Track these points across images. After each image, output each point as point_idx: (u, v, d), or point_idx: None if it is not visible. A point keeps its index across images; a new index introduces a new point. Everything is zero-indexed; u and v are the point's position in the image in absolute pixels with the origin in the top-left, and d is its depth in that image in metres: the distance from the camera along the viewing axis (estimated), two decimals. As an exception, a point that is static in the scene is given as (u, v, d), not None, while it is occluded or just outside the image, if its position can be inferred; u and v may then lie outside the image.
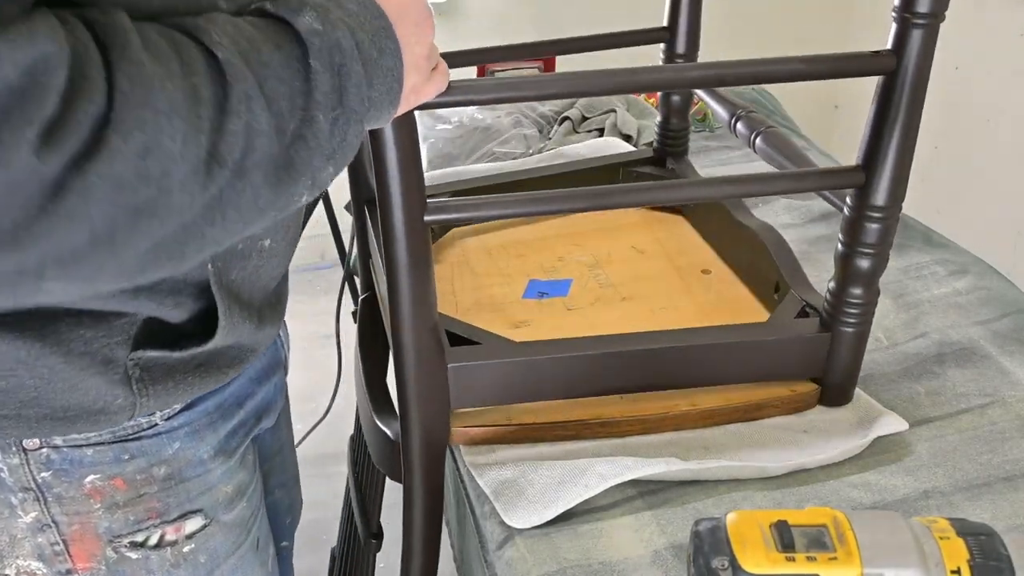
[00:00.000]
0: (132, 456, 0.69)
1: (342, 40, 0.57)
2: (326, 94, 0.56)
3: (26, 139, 0.43)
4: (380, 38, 0.59)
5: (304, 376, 2.36)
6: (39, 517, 0.68)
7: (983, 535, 0.58)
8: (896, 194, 0.79)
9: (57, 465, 0.67)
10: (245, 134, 0.52)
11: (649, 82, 0.76)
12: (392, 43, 0.60)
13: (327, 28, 0.56)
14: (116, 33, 0.48)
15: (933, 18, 0.73)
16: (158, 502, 0.71)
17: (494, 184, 1.15)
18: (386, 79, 0.60)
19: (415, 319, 0.79)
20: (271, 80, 0.53)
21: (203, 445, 0.73)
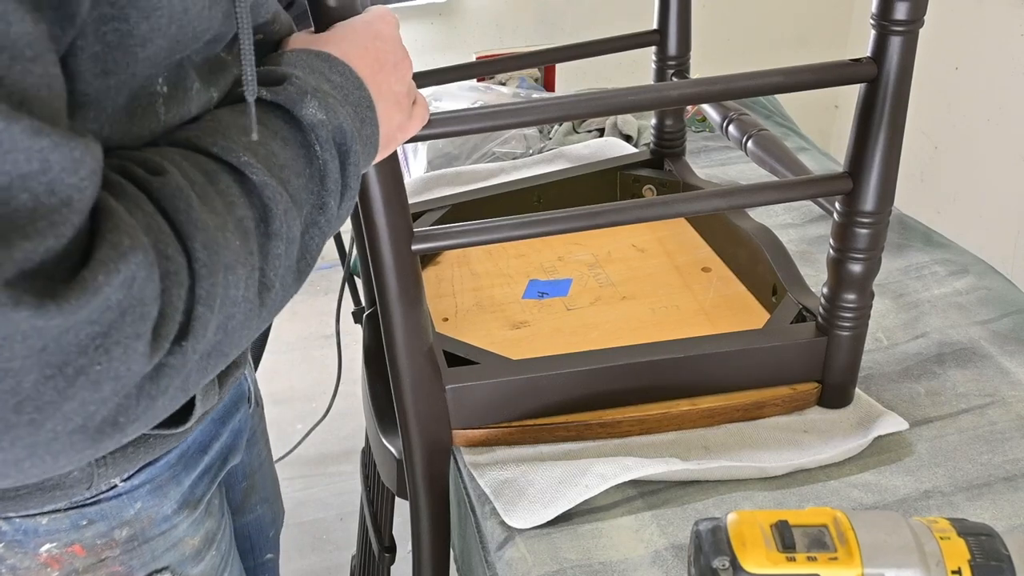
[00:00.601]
0: (91, 521, 0.65)
1: (344, 124, 0.57)
2: (335, 180, 0.57)
3: (139, 352, 0.43)
4: (363, 108, 0.60)
5: (304, 376, 2.37)
6: None
7: (984, 535, 0.58)
8: (884, 199, 0.79)
9: (9, 536, 0.64)
10: (285, 251, 0.53)
11: (631, 103, 0.76)
12: (371, 112, 0.61)
13: (330, 116, 0.56)
14: (177, 198, 0.47)
15: (912, 24, 0.73)
16: (121, 565, 0.68)
17: (489, 196, 1.15)
18: (367, 146, 0.61)
19: (409, 345, 0.79)
20: (293, 182, 0.54)
21: (167, 501, 0.70)
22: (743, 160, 1.39)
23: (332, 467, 2.09)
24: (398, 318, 0.78)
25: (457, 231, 0.79)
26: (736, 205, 0.86)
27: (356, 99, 0.60)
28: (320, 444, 2.08)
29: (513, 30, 2.74)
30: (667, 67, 1.12)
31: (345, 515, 1.96)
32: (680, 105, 1.16)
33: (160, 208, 0.46)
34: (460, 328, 0.99)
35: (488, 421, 0.85)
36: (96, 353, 0.42)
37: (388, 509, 1.19)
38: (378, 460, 1.00)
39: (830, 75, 0.77)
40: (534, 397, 0.85)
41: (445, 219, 1.11)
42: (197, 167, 0.50)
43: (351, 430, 2.08)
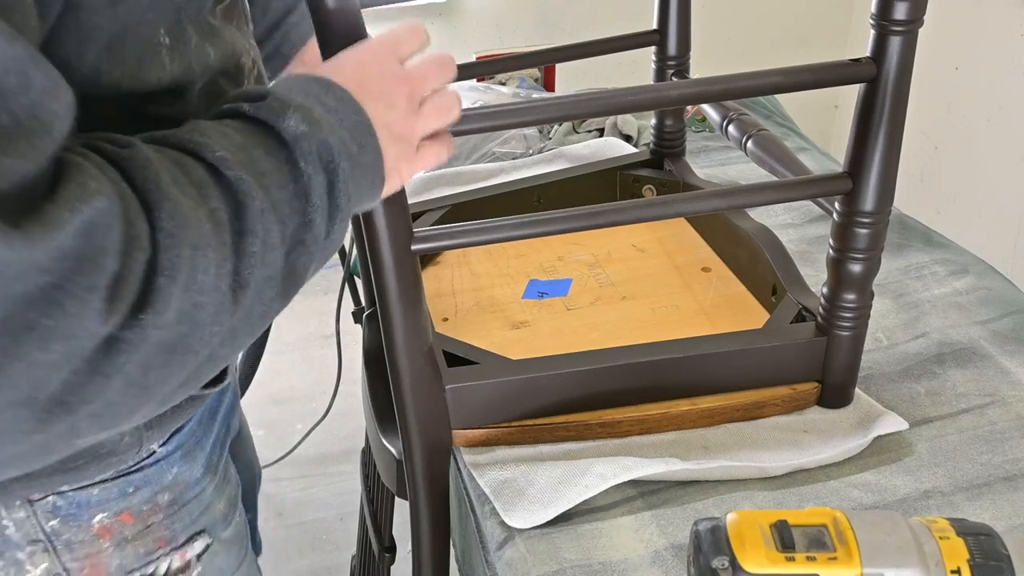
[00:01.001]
0: (137, 488, 0.69)
1: (330, 139, 0.56)
2: (321, 195, 0.55)
3: (93, 308, 0.41)
4: (360, 133, 0.59)
5: (304, 376, 2.37)
6: (50, 568, 0.67)
7: (983, 535, 0.58)
8: (884, 199, 0.79)
9: (64, 511, 0.66)
10: (261, 252, 0.51)
11: (631, 103, 0.76)
12: (371, 138, 0.60)
13: (313, 129, 0.55)
14: (144, 168, 0.47)
15: (911, 24, 0.72)
16: (165, 530, 0.71)
17: (489, 196, 1.15)
18: (367, 173, 0.59)
19: (408, 345, 0.79)
20: (273, 189, 0.53)
21: (195, 465, 0.73)
22: (743, 160, 1.39)
23: (332, 467, 2.09)
24: (398, 318, 0.78)
25: (457, 231, 0.79)
26: (736, 205, 0.86)
27: (353, 123, 0.58)
28: (320, 444, 2.08)
29: (513, 30, 2.74)
30: (667, 67, 1.12)
31: (345, 515, 1.96)
32: (680, 105, 1.16)
33: (127, 177, 0.45)
34: (460, 328, 0.99)
35: (488, 421, 0.85)
36: (48, 306, 0.40)
37: (388, 509, 1.19)
38: (378, 460, 1.00)
39: (830, 75, 0.77)
40: (534, 397, 0.85)
41: (445, 219, 1.11)
42: (170, 158, 0.50)
43: (351, 430, 2.08)
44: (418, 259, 0.78)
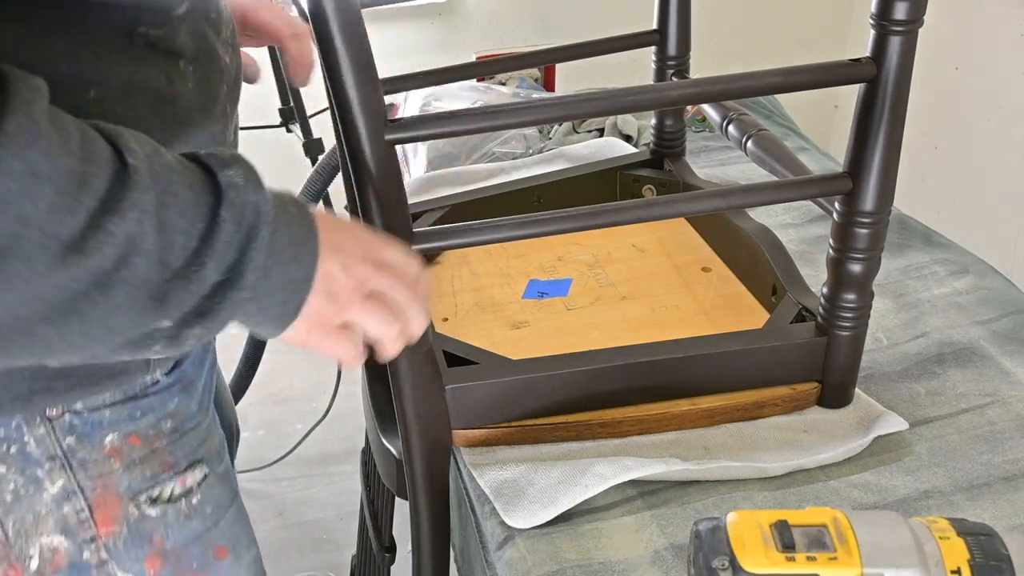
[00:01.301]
0: (143, 412, 0.74)
1: (261, 205, 0.56)
2: (226, 244, 0.54)
3: None
4: (301, 248, 0.59)
5: (304, 376, 2.37)
6: (66, 485, 0.71)
7: (983, 535, 0.58)
8: (884, 199, 0.79)
9: (79, 429, 0.71)
10: (125, 244, 0.50)
11: (631, 103, 0.76)
12: (310, 260, 0.60)
13: (249, 187, 0.56)
14: (27, 87, 0.47)
15: (911, 24, 0.72)
16: (168, 455, 0.76)
17: (489, 196, 1.15)
18: (284, 286, 0.59)
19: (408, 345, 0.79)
20: (173, 209, 0.52)
21: (192, 399, 0.78)
22: (743, 160, 1.39)
23: (332, 467, 2.10)
24: (398, 318, 0.78)
25: (457, 231, 0.79)
26: (736, 205, 0.86)
27: (300, 235, 0.59)
28: (320, 444, 2.08)
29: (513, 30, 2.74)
30: (667, 67, 1.12)
31: (345, 515, 1.96)
32: (680, 105, 1.16)
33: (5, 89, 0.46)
34: (460, 328, 0.99)
35: (488, 421, 0.85)
36: None
37: (388, 509, 1.19)
38: (378, 460, 1.00)
39: (830, 75, 0.77)
40: (534, 397, 0.85)
41: (445, 219, 1.11)
42: (78, 126, 0.50)
43: (351, 430, 2.08)
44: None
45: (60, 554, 0.73)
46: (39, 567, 0.74)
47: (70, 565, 0.74)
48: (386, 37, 2.65)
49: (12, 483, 0.70)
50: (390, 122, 0.71)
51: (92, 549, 0.74)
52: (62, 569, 0.74)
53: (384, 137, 0.71)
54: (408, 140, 0.73)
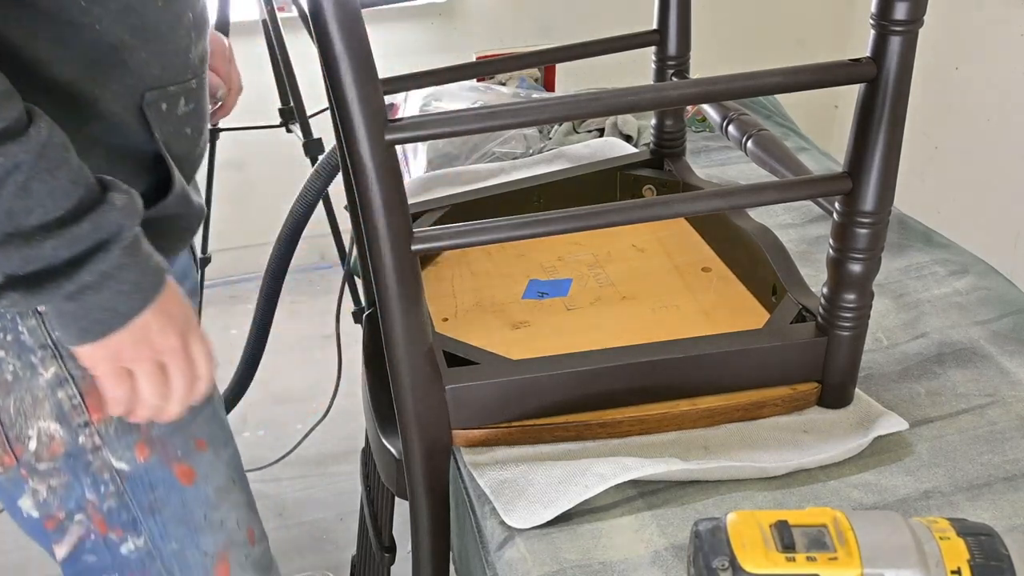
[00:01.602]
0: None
1: (125, 231, 0.68)
2: (75, 237, 0.65)
3: None
4: (140, 290, 0.70)
5: (304, 376, 2.37)
6: (58, 372, 0.79)
7: (983, 535, 0.58)
8: (884, 199, 0.79)
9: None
10: None
11: (631, 103, 0.76)
12: (140, 303, 0.70)
13: (124, 212, 0.68)
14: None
15: (911, 24, 0.72)
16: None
17: (489, 196, 1.15)
18: (106, 307, 0.69)
19: (409, 345, 0.79)
20: (46, 184, 0.63)
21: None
22: (743, 160, 1.39)
23: (332, 467, 2.10)
24: (398, 318, 0.78)
25: (457, 231, 0.79)
26: (736, 205, 0.86)
27: (146, 282, 0.70)
28: (320, 444, 2.08)
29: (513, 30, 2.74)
30: (667, 67, 1.12)
31: (345, 515, 1.96)
32: (680, 105, 1.16)
33: None
34: (460, 328, 0.99)
35: (488, 421, 0.85)
36: None
37: (388, 509, 1.19)
38: (378, 460, 1.00)
39: (830, 75, 0.77)
40: (534, 397, 0.85)
41: (445, 219, 1.11)
42: (6, 86, 0.63)
43: (351, 430, 2.08)
44: (418, 259, 0.78)
45: (56, 441, 0.81)
46: (37, 450, 0.81)
47: (66, 453, 0.81)
48: (386, 37, 2.65)
49: (11, 365, 0.78)
50: (390, 122, 0.71)
51: (87, 434, 0.81)
52: (59, 456, 0.81)
53: (384, 137, 0.71)
54: (408, 140, 0.73)
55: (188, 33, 0.82)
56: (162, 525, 0.86)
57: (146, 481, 0.85)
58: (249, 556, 0.93)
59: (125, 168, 0.80)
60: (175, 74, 0.82)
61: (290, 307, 2.67)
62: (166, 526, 0.86)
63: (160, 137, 0.81)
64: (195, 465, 0.88)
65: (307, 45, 1.52)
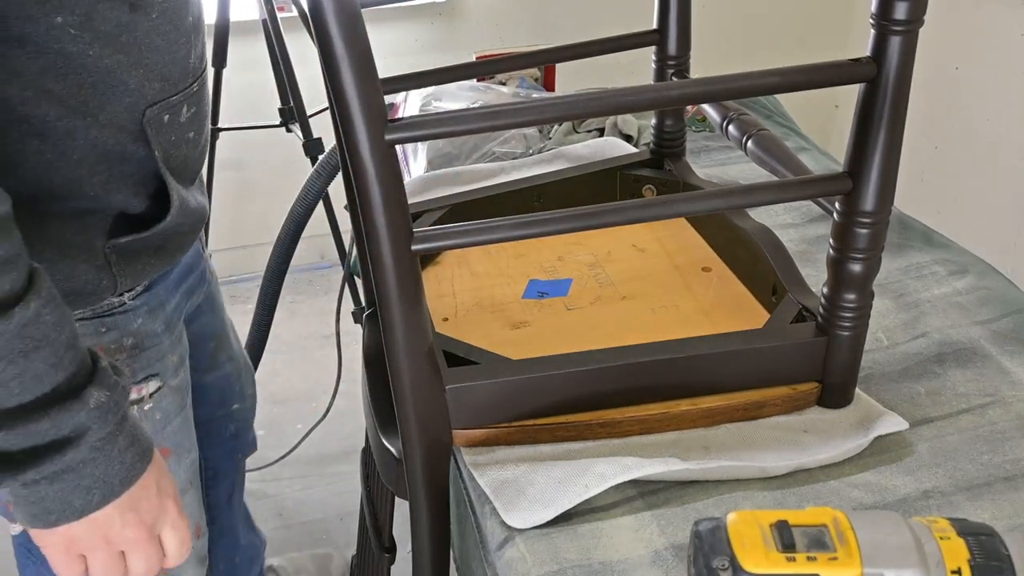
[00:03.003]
0: (108, 329, 0.84)
1: (90, 434, 0.67)
2: (33, 432, 0.64)
3: None
4: (100, 485, 0.69)
5: (304, 376, 2.37)
6: None
7: (984, 535, 0.58)
8: (884, 199, 0.79)
9: None
10: None
11: (631, 103, 0.76)
12: (99, 500, 0.69)
13: (93, 415, 0.67)
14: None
15: (911, 24, 0.72)
16: (127, 367, 0.86)
17: (489, 196, 1.15)
18: (58, 501, 0.68)
19: (409, 345, 0.79)
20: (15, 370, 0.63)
21: (157, 321, 0.89)
22: (743, 160, 1.39)
23: (332, 467, 2.10)
24: (398, 318, 0.78)
25: (457, 231, 0.79)
26: (736, 205, 0.86)
27: (107, 473, 0.69)
28: (320, 444, 2.08)
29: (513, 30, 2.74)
30: (667, 67, 1.12)
31: (345, 515, 1.96)
32: (680, 105, 1.16)
33: None
34: (460, 328, 0.99)
35: (488, 421, 0.85)
36: None
37: (388, 509, 1.19)
38: (378, 460, 1.00)
39: (830, 75, 0.77)
40: (534, 397, 0.85)
41: (445, 219, 1.11)
42: (18, 249, 0.64)
43: (351, 430, 2.08)
44: (418, 259, 0.78)
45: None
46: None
47: None
48: (386, 37, 2.65)
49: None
50: (390, 122, 0.71)
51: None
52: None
53: (384, 137, 0.71)
54: (408, 140, 0.73)
55: (188, 38, 0.81)
56: None
57: None
58: (192, 548, 0.96)
59: (124, 189, 0.79)
60: (176, 83, 0.81)
61: (290, 307, 2.67)
62: None
63: (160, 153, 0.80)
64: None
65: (307, 45, 1.52)
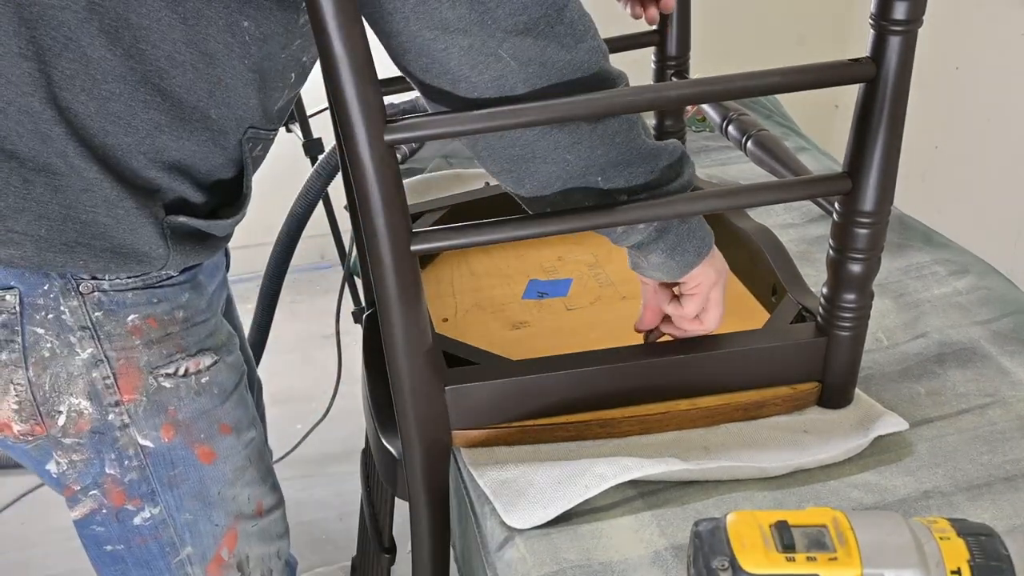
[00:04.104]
0: (159, 300, 0.87)
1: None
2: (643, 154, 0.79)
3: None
4: (709, 237, 0.85)
5: (304, 376, 2.37)
6: (94, 353, 0.84)
7: (983, 535, 0.58)
8: (884, 199, 0.79)
9: (106, 306, 0.84)
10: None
11: (631, 104, 0.76)
12: (700, 249, 0.84)
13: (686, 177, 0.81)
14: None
15: (911, 24, 0.72)
16: (182, 340, 0.89)
17: (489, 196, 1.15)
18: (690, 242, 0.84)
19: (408, 345, 0.79)
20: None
21: (201, 298, 0.92)
22: (743, 160, 1.39)
23: (332, 467, 2.09)
24: (397, 318, 0.78)
25: (457, 231, 0.79)
26: (736, 205, 0.86)
27: (700, 236, 0.84)
28: (320, 444, 2.08)
29: (513, 30, 2.73)
30: (667, 67, 1.12)
31: (345, 515, 1.96)
32: (680, 105, 1.16)
33: None
34: (460, 328, 0.99)
35: (488, 421, 0.85)
36: None
37: (388, 509, 1.19)
38: (378, 460, 1.00)
39: (829, 75, 0.77)
40: (534, 397, 0.85)
41: (445, 219, 1.11)
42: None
43: (351, 430, 2.07)
44: (418, 259, 0.78)
45: (84, 418, 0.86)
46: (64, 425, 0.86)
47: (92, 431, 0.87)
48: (386, 37, 2.64)
49: (50, 343, 0.83)
50: (390, 122, 0.71)
51: (116, 412, 0.87)
52: (84, 433, 0.87)
53: (384, 137, 0.71)
54: (408, 140, 0.73)
55: (284, 88, 0.88)
56: (179, 498, 0.92)
57: (168, 459, 0.90)
58: (256, 526, 0.99)
59: (212, 186, 0.86)
60: (269, 121, 0.89)
61: (290, 307, 2.67)
62: (182, 499, 0.92)
63: (248, 171, 0.88)
64: (216, 448, 0.93)
65: (307, 45, 1.52)
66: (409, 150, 1.46)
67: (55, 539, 1.85)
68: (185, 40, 0.77)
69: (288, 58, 0.85)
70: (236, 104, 0.83)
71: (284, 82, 0.87)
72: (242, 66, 0.81)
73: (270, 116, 0.89)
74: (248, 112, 0.85)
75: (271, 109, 0.88)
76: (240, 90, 0.82)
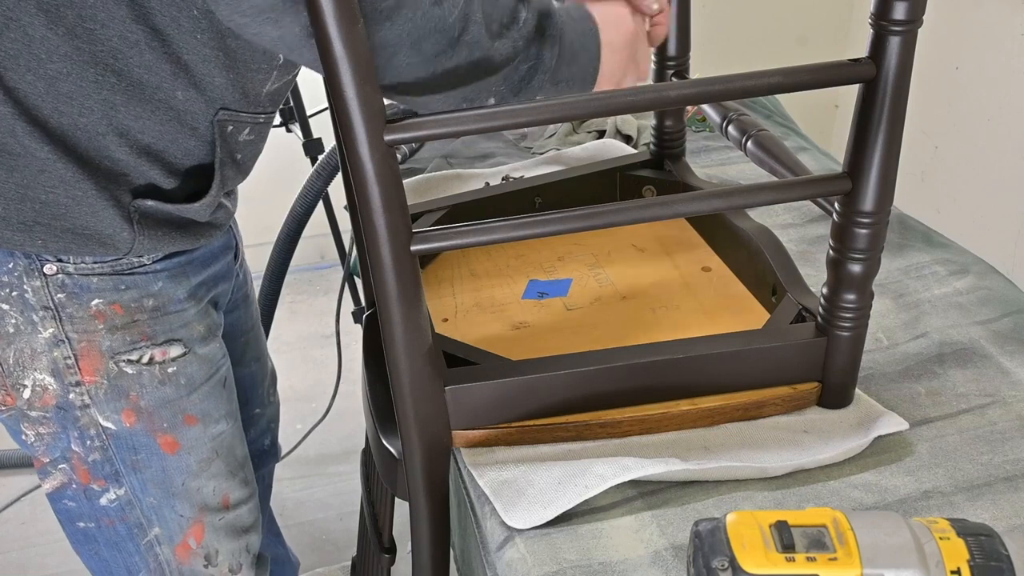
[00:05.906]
0: (127, 287, 0.86)
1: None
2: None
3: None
4: (586, 38, 0.80)
5: (304, 376, 2.37)
6: (55, 333, 0.85)
7: (983, 535, 0.58)
8: (884, 199, 0.79)
9: (69, 288, 0.84)
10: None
11: (631, 103, 0.76)
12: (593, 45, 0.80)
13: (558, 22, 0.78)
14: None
15: (910, 24, 0.72)
16: (148, 328, 0.88)
17: (489, 196, 1.15)
18: (580, 60, 0.79)
19: (408, 346, 0.79)
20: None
21: (180, 288, 0.90)
22: (743, 160, 1.39)
23: (332, 467, 2.10)
24: (397, 318, 0.78)
25: (457, 231, 0.79)
26: (736, 205, 0.86)
27: (582, 30, 0.79)
28: (320, 444, 2.08)
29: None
30: (667, 67, 1.12)
31: (345, 515, 1.96)
32: (680, 105, 1.16)
33: None
34: (460, 328, 0.99)
35: (488, 421, 0.85)
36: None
37: (388, 509, 1.19)
38: (378, 460, 1.00)
39: (829, 75, 0.77)
40: (534, 397, 0.85)
41: (445, 219, 1.11)
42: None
43: (351, 430, 2.08)
44: (418, 259, 0.78)
45: (49, 393, 0.87)
46: (30, 398, 0.87)
47: (57, 405, 0.88)
48: (386, 37, 2.64)
49: (14, 319, 0.84)
50: (390, 122, 0.71)
51: (77, 392, 0.87)
52: (50, 407, 0.88)
53: (383, 137, 0.71)
54: (408, 140, 0.73)
55: (269, 70, 0.85)
56: (143, 483, 0.93)
57: (130, 443, 0.91)
58: (223, 519, 0.99)
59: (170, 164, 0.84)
60: (251, 104, 0.87)
61: (290, 307, 2.67)
62: (146, 484, 0.93)
63: (220, 154, 0.86)
64: (180, 438, 0.93)
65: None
66: (409, 150, 1.46)
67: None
68: (132, 17, 0.76)
69: None
70: (202, 84, 0.81)
71: (269, 63, 0.85)
72: (196, 42, 0.79)
73: (253, 98, 0.86)
74: (217, 92, 0.83)
75: (254, 91, 0.86)
76: (201, 67, 0.80)
